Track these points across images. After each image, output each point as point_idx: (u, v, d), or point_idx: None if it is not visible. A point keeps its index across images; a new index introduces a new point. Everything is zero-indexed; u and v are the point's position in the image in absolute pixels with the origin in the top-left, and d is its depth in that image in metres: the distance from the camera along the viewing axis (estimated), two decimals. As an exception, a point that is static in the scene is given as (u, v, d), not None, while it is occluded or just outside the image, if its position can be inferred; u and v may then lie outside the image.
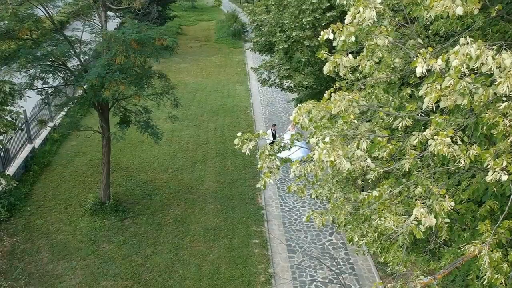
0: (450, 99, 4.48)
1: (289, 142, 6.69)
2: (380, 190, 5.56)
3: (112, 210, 17.52)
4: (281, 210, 18.65)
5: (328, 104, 5.47)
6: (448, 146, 4.60)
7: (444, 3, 4.55)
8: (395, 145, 5.42)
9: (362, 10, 5.21)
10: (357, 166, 5.19)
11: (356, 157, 5.18)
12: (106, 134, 16.97)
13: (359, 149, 5.18)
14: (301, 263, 15.52)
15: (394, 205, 5.68)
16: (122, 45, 13.73)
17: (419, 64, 4.69)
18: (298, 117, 5.60)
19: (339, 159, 4.95)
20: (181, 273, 14.82)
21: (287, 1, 19.81)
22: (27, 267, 14.62)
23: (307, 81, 19.48)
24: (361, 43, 6.96)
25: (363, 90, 6.20)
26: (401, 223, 5.30)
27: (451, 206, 4.82)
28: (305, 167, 5.64)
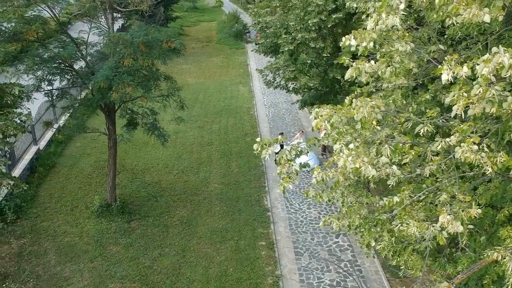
0: (479, 107, 4.49)
1: (306, 147, 6.64)
2: (401, 195, 5.58)
3: (118, 212, 17.52)
4: (287, 212, 18.64)
5: (350, 110, 5.47)
6: (475, 153, 4.61)
7: (472, 10, 4.56)
8: (417, 151, 5.43)
9: (385, 17, 5.21)
10: (382, 173, 5.20)
11: (381, 164, 5.19)
12: (112, 136, 16.97)
13: (383, 155, 5.18)
14: (308, 265, 15.52)
15: (415, 210, 5.70)
16: (130, 48, 13.74)
17: (445, 71, 4.69)
18: (320, 123, 5.60)
19: (364, 165, 4.96)
20: (189, 275, 14.82)
21: (292, 2, 19.78)
22: (35, 269, 14.62)
23: (312, 83, 19.47)
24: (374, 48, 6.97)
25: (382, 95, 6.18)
26: (424, 229, 5.32)
27: (477, 213, 4.83)
28: (326, 173, 5.65)
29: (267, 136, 26.37)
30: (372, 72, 5.56)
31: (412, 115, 5.94)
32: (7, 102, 11.57)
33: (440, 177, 5.85)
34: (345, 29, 19.18)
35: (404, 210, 5.66)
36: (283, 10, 21.48)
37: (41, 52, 14.86)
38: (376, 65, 5.38)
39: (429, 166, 5.36)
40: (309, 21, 18.54)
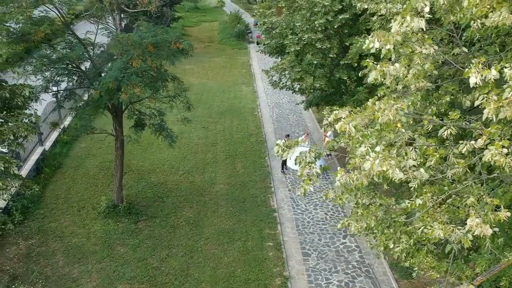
0: (510, 110, 4.48)
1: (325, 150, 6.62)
2: (424, 198, 5.58)
3: (125, 213, 17.52)
4: (293, 212, 18.64)
5: (373, 112, 5.46)
6: (505, 156, 4.61)
7: (502, 14, 4.56)
8: (440, 153, 5.42)
9: (410, 19, 5.20)
10: (410, 176, 5.20)
11: (408, 167, 5.19)
12: (119, 137, 16.97)
13: (410, 158, 5.18)
14: (316, 266, 15.52)
15: (438, 213, 5.69)
16: (139, 49, 13.73)
17: (473, 74, 4.69)
18: (344, 125, 5.59)
19: (392, 168, 4.96)
20: (197, 276, 14.81)
21: (298, 3, 19.79)
22: (44, 270, 14.61)
23: (318, 84, 19.46)
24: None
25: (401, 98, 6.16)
26: (450, 232, 5.31)
27: (506, 216, 4.83)
28: (350, 176, 5.65)
29: (272, 137, 26.37)
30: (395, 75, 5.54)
31: (434, 118, 5.93)
32: (17, 103, 11.56)
33: (463, 179, 5.84)
34: (351, 29, 19.21)
35: (427, 213, 5.65)
36: (289, 11, 21.50)
37: (49, 53, 14.86)
38: (400, 67, 5.36)
39: (455, 169, 5.34)
40: (315, 21, 18.55)
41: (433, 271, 7.53)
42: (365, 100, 18.29)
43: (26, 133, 11.11)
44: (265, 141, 25.64)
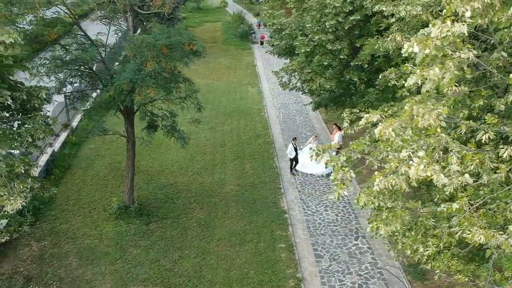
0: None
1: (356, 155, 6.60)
2: (460, 202, 5.56)
3: (136, 214, 17.51)
4: (304, 214, 18.63)
5: (412, 117, 5.45)
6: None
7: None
8: (480, 158, 5.41)
9: (450, 24, 5.19)
10: (454, 182, 5.18)
11: (452, 172, 5.17)
12: (131, 138, 16.97)
13: (453, 164, 5.17)
14: (329, 267, 15.50)
15: (475, 218, 5.68)
16: (153, 50, 13.72)
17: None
18: (383, 130, 5.57)
19: (436, 174, 4.95)
20: (210, 278, 14.80)
21: (309, 4, 19.78)
22: (57, 272, 14.61)
23: (329, 85, 19.45)
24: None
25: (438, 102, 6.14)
26: (490, 237, 5.30)
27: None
28: (388, 180, 5.63)
29: (279, 137, 26.38)
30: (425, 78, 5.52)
31: (472, 122, 5.92)
32: (34, 105, 11.56)
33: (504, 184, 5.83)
34: (362, 30, 19.20)
35: (464, 218, 5.64)
36: (298, 12, 21.49)
37: (62, 54, 14.86)
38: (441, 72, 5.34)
39: (496, 174, 5.34)
40: (326, 22, 18.53)
41: (460, 274, 7.51)
42: (376, 101, 18.39)
43: (44, 135, 11.10)
44: (272, 142, 25.63)
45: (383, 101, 18.28)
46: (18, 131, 10.90)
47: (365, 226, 17.69)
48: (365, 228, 17.53)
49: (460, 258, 7.69)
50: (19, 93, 11.09)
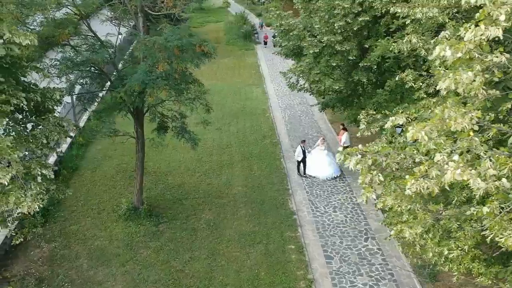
0: None
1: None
2: (491, 206, 5.56)
3: (146, 215, 17.52)
4: (313, 215, 18.61)
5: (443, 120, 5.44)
6: None
7: None
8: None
9: (484, 28, 5.18)
10: (491, 186, 5.17)
11: (488, 176, 5.17)
12: (140, 139, 16.98)
13: (490, 168, 5.16)
14: (339, 269, 15.48)
15: (506, 221, 5.67)
16: (165, 52, 13.72)
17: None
18: (416, 133, 5.56)
19: (473, 178, 4.95)
20: (221, 279, 14.79)
21: (317, 5, 19.75)
22: (69, 274, 14.61)
23: (337, 85, 19.44)
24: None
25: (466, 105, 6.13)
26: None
27: None
28: (420, 184, 5.62)
29: (286, 138, 26.38)
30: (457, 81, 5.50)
31: (503, 126, 5.92)
32: (48, 107, 11.55)
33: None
34: (370, 31, 19.18)
35: (495, 222, 5.63)
36: (306, 13, 21.47)
37: (73, 55, 14.86)
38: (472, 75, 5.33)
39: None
40: (334, 23, 18.50)
41: (482, 277, 7.51)
42: (384, 102, 18.37)
43: (58, 137, 11.10)
44: (279, 143, 25.63)
45: (392, 102, 18.31)
46: (33, 133, 10.89)
47: (374, 227, 17.70)
48: (374, 229, 17.53)
49: (481, 261, 7.70)
50: (33, 95, 11.08)
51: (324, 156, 21.68)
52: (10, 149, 9.07)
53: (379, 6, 16.97)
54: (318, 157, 21.60)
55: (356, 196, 20.02)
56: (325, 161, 21.52)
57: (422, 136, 5.48)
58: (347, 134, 23.55)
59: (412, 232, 6.99)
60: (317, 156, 21.64)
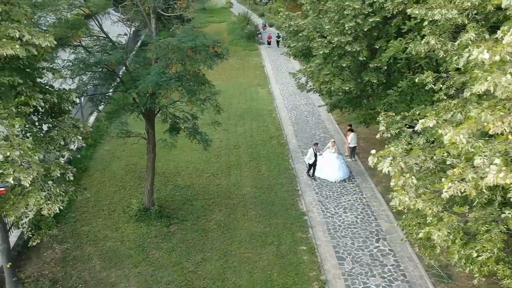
0: None
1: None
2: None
3: (157, 216, 17.51)
4: (323, 216, 18.59)
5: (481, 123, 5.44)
6: None
7: None
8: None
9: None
10: None
11: None
12: (152, 140, 16.97)
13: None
14: (352, 270, 15.47)
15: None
16: (179, 53, 13.71)
17: None
18: (454, 137, 5.55)
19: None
20: (234, 281, 14.77)
21: (326, 6, 19.74)
22: (81, 275, 14.59)
23: (347, 86, 19.42)
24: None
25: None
26: None
27: None
28: (457, 187, 5.61)
29: (293, 139, 26.37)
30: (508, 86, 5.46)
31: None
32: (64, 108, 11.54)
33: None
34: (381, 32, 19.15)
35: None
36: (315, 13, 21.46)
37: (86, 56, 14.85)
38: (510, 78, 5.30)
39: None
40: (345, 24, 18.48)
41: (508, 279, 7.50)
42: (395, 103, 18.36)
43: (75, 138, 11.09)
44: (286, 144, 25.62)
45: (402, 103, 18.31)
46: (50, 134, 10.88)
47: (385, 228, 17.69)
48: (385, 230, 17.52)
49: (506, 263, 7.68)
50: (49, 96, 11.07)
51: (335, 159, 21.51)
52: (31, 151, 9.06)
53: (390, 7, 16.98)
54: (329, 159, 21.48)
55: (365, 197, 20.01)
56: (335, 163, 21.38)
57: (460, 139, 5.47)
58: (353, 135, 23.56)
59: (440, 235, 6.99)
60: (327, 159, 21.53)
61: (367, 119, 21.02)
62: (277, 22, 62.08)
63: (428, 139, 9.31)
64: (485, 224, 7.20)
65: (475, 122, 5.47)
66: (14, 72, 10.20)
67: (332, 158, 21.44)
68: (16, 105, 9.89)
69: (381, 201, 19.66)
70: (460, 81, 9.57)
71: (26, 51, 9.75)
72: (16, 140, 8.99)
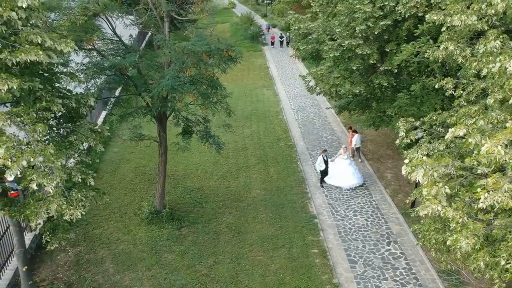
0: None
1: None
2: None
3: (168, 219, 17.55)
4: (333, 219, 18.64)
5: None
6: None
7: None
8: None
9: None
10: None
11: None
12: (163, 143, 17.01)
13: None
14: (364, 273, 15.51)
15: None
16: (194, 57, 13.77)
17: None
18: (492, 148, 5.60)
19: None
20: (247, 284, 14.82)
21: (337, 9, 19.77)
22: (95, 278, 14.64)
23: (358, 89, 19.47)
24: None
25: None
26: None
27: None
28: (493, 197, 5.65)
29: (300, 141, 26.42)
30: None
31: None
32: (82, 113, 11.57)
33: None
34: (391, 35, 19.19)
35: None
36: (324, 16, 21.50)
37: (100, 60, 14.90)
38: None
39: None
40: (355, 27, 18.51)
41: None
42: (406, 106, 18.39)
43: (94, 143, 11.13)
44: (294, 146, 25.67)
45: (412, 106, 18.35)
46: (69, 139, 10.91)
47: (396, 231, 17.74)
48: (396, 233, 17.57)
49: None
50: (68, 101, 11.09)
51: (347, 166, 21.09)
52: (53, 157, 9.08)
53: (402, 11, 17.03)
54: (341, 166, 21.09)
55: (375, 199, 20.05)
56: (348, 170, 20.96)
57: (498, 150, 5.51)
58: (358, 136, 23.61)
59: (469, 242, 7.02)
60: (340, 166, 21.14)
61: (377, 122, 21.04)
62: (280, 23, 62.36)
63: (449, 145, 9.37)
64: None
65: (511, 133, 5.53)
66: (34, 77, 10.23)
67: (345, 165, 21.06)
68: (37, 110, 9.91)
69: (390, 204, 19.70)
70: (480, 87, 9.63)
71: (48, 57, 9.77)
72: (39, 146, 9.01)
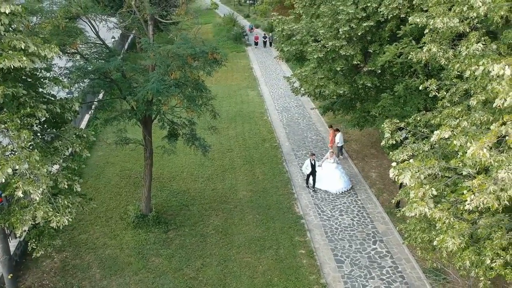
0: None
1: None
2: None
3: (154, 222, 17.48)
4: (320, 219, 18.76)
5: (500, 136, 5.61)
6: None
7: None
8: None
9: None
10: None
11: None
12: (149, 146, 16.93)
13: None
14: (351, 273, 15.65)
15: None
16: (179, 60, 13.74)
17: None
18: (477, 151, 5.70)
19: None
20: (235, 286, 14.84)
21: (320, 10, 19.92)
22: (82, 284, 14.51)
23: (342, 90, 19.63)
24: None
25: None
26: None
27: None
28: (479, 199, 5.77)
29: (285, 141, 26.51)
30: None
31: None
32: (67, 118, 11.48)
33: None
34: (374, 36, 19.39)
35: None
36: (307, 17, 21.64)
37: (83, 64, 14.77)
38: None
39: None
40: (339, 28, 18.66)
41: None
42: (389, 106, 18.61)
43: (80, 148, 11.04)
44: (279, 146, 25.75)
45: (395, 106, 18.57)
46: (54, 145, 10.81)
47: (381, 230, 17.93)
48: (381, 232, 17.76)
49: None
50: (52, 106, 11.00)
51: (334, 169, 21.03)
52: (39, 163, 9.01)
53: (385, 12, 17.24)
54: (328, 170, 20.99)
55: (360, 199, 20.23)
56: (335, 174, 20.89)
57: (484, 153, 5.63)
58: (340, 135, 23.78)
59: (455, 242, 7.15)
60: (327, 170, 21.05)
61: (361, 122, 21.23)
62: (263, 23, 62.46)
63: (433, 146, 9.53)
64: (498, 230, 7.39)
65: (495, 135, 5.65)
66: (17, 83, 10.13)
67: (331, 169, 21.00)
68: (21, 116, 9.81)
69: (376, 203, 19.90)
70: (463, 88, 9.81)
71: (31, 62, 9.68)
72: (24, 152, 8.93)
